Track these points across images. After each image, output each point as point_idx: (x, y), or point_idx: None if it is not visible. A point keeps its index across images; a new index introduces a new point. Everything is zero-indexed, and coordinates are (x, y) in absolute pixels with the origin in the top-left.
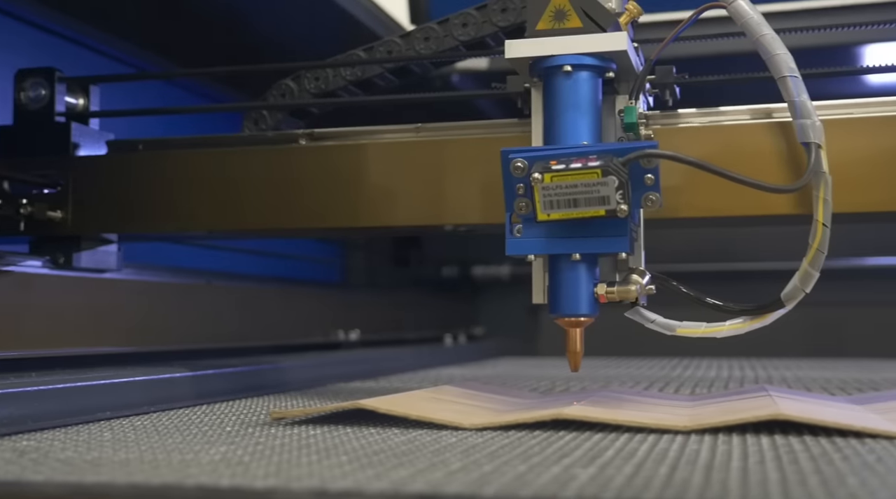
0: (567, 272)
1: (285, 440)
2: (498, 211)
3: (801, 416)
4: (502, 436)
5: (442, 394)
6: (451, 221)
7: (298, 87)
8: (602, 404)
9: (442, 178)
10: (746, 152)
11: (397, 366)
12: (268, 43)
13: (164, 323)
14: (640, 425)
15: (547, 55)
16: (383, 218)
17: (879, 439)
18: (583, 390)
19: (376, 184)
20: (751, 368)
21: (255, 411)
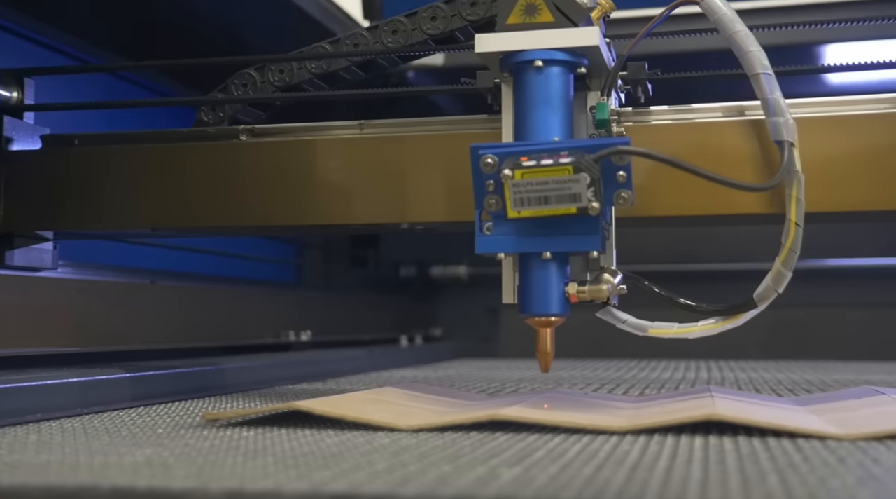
0: (537, 271)
1: (215, 442)
2: (461, 209)
3: (736, 416)
4: (437, 437)
5: (383, 395)
6: (411, 220)
7: (261, 77)
8: (541, 405)
9: (402, 175)
10: (719, 150)
11: (349, 368)
12: (219, 39)
13: (105, 323)
14: (577, 426)
15: (518, 50)
16: (335, 216)
17: (812, 439)
18: (532, 391)
19: (326, 181)
20: (709, 370)
21: (191, 413)
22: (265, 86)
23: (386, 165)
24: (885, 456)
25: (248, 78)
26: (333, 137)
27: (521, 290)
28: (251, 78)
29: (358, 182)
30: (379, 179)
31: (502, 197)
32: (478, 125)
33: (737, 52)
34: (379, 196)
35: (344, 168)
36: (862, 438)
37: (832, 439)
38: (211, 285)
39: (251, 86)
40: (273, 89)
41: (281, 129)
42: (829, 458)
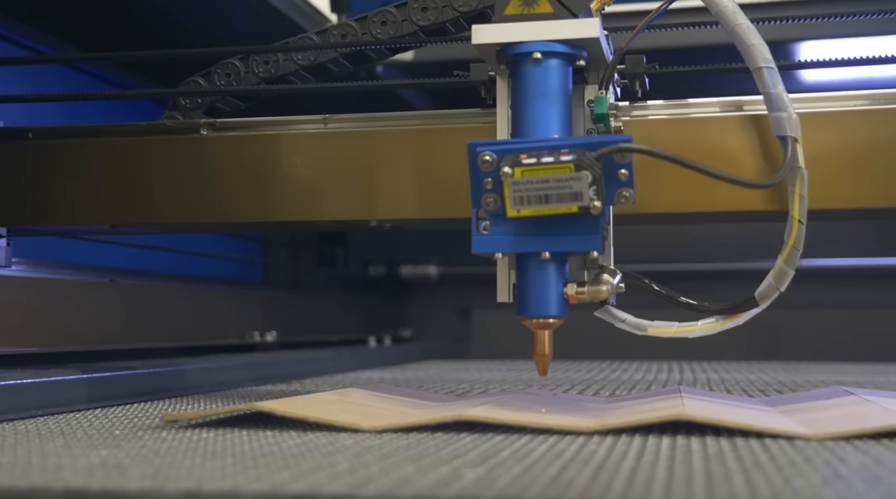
0: (535, 271)
1: (173, 444)
2: (433, 205)
3: (704, 417)
4: (401, 438)
5: (348, 396)
6: (380, 217)
7: (245, 67)
8: (511, 406)
9: (370, 171)
10: (717, 146)
11: (315, 369)
12: (180, 32)
13: (62, 323)
14: (544, 426)
15: (515, 41)
16: (301, 213)
17: (780, 439)
18: (502, 392)
19: (291, 177)
20: (681, 371)
21: (149, 414)
22: (249, 76)
23: (353, 161)
24: (851, 456)
25: (232, 68)
26: (297, 131)
27: (518, 290)
28: (234, 68)
29: (324, 178)
30: (346, 175)
31: (501, 195)
32: (450, 120)
33: (738, 46)
34: (346, 192)
35: (309, 163)
36: (830, 438)
37: (800, 439)
38: (173, 284)
39: (234, 76)
40: (257, 80)
41: (243, 123)
42: (795, 458)
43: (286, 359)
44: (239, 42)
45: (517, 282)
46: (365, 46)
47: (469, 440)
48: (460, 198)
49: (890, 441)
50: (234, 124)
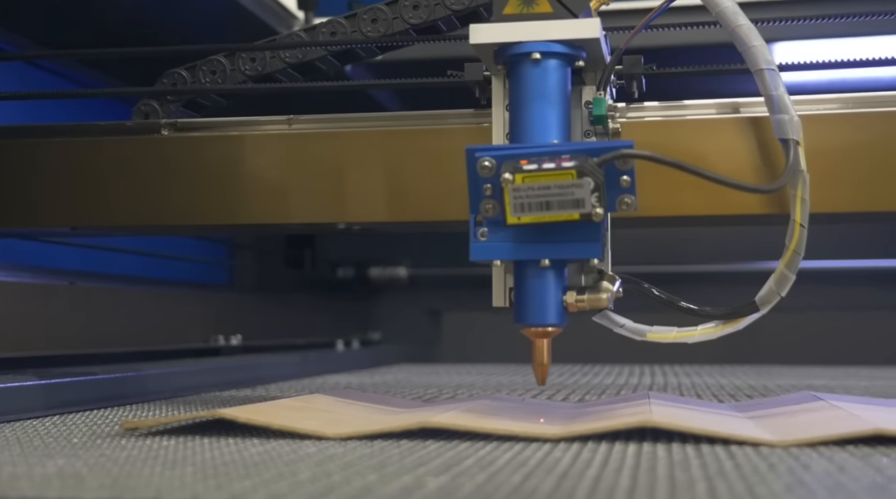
0: (534, 279)
1: (133, 452)
2: (405, 208)
3: (670, 423)
4: (365, 446)
5: (313, 402)
6: (349, 220)
7: (231, 65)
8: (477, 412)
9: (339, 172)
10: (715, 148)
11: (281, 373)
12: (152, 30)
13: (20, 327)
14: (510, 433)
15: (514, 41)
16: (267, 215)
17: (746, 446)
18: (470, 397)
19: (255, 178)
20: (653, 375)
21: (109, 421)
22: (235, 74)
23: (322, 163)
24: (815, 462)
25: (217, 65)
26: (261, 132)
27: (516, 298)
28: (220, 65)
29: (292, 180)
30: (315, 177)
31: (500, 202)
32: (415, 122)
33: (739, 47)
34: (315, 194)
35: (275, 165)
36: (795, 444)
37: (766, 446)
38: (135, 287)
39: (220, 73)
40: (244, 78)
41: (206, 123)
42: (760, 465)
43: (251, 363)
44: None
45: (515, 289)
46: (355, 45)
47: (434, 448)
48: (433, 201)
49: (855, 448)
50: (197, 125)
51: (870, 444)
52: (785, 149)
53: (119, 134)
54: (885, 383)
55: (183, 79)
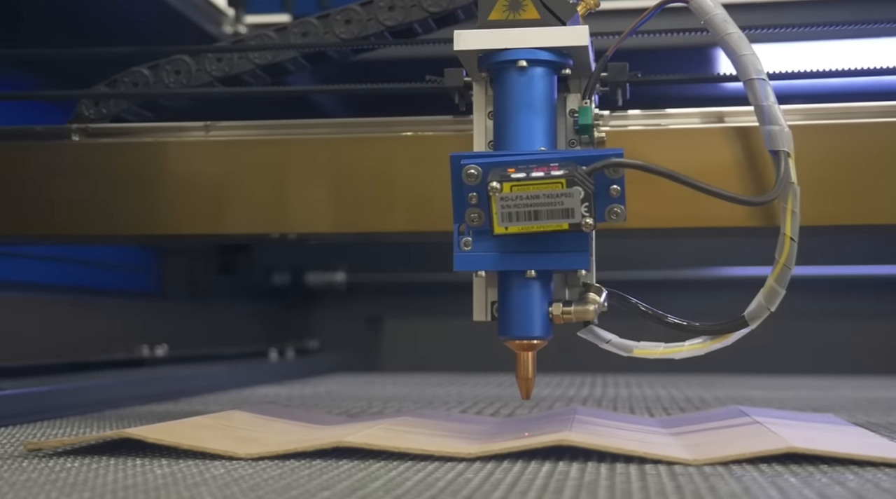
0: (519, 290)
1: (33, 475)
2: (351, 219)
3: (585, 442)
4: (276, 466)
5: (230, 420)
6: (293, 230)
7: (197, 65)
8: (398, 429)
9: (281, 181)
10: (700, 158)
11: (208, 385)
12: (81, 29)
13: None
14: (425, 452)
15: (500, 49)
16: (195, 226)
17: (661, 464)
18: (398, 411)
19: (187, 186)
20: (592, 387)
21: (14, 441)
22: (201, 74)
23: (260, 170)
24: (721, 484)
25: (182, 64)
26: (177, 139)
27: (500, 310)
28: (185, 64)
29: (226, 188)
30: (251, 186)
31: (486, 211)
32: (358, 129)
33: (729, 56)
34: (251, 204)
35: (195, 173)
36: (711, 462)
37: (681, 464)
38: (51, 296)
39: (184, 73)
40: (210, 78)
41: (119, 129)
42: (667, 486)
43: (176, 375)
44: (131, 38)
45: (499, 301)
46: (327, 47)
47: (346, 468)
48: (384, 210)
49: (768, 466)
50: (110, 130)
51: (783, 462)
52: (776, 161)
53: (29, 139)
54: (821, 393)
55: (145, 78)
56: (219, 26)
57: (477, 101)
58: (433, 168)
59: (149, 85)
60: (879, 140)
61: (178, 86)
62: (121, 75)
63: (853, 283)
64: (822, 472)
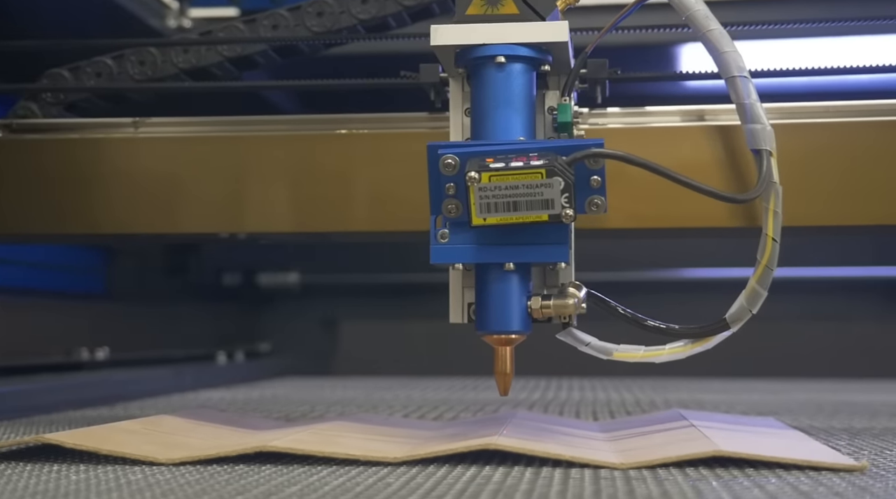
0: (497, 283)
1: None
2: (311, 219)
3: (512, 446)
4: (197, 471)
5: (158, 425)
6: (247, 230)
7: (163, 56)
8: (328, 433)
9: (237, 179)
10: (680, 157)
11: (150, 389)
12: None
13: None
14: (349, 456)
15: (478, 44)
16: (140, 225)
17: (588, 468)
18: (340, 415)
19: (102, 185)
20: (544, 390)
21: None
22: (167, 66)
23: (221, 169)
24: (642, 487)
25: (147, 55)
26: (104, 136)
27: (478, 304)
28: (150, 55)
29: (178, 186)
30: (211, 184)
31: (464, 202)
32: (313, 126)
33: (710, 53)
34: (204, 202)
35: (144, 170)
36: (637, 466)
37: (607, 468)
38: None
39: (150, 64)
40: (176, 70)
41: (45, 125)
42: (587, 489)
43: (116, 379)
44: (74, 33)
45: (477, 295)
46: (299, 41)
47: (267, 473)
48: (345, 209)
49: (694, 470)
50: (37, 126)
51: (710, 465)
52: (758, 159)
53: None
54: (773, 397)
55: (109, 68)
56: (162, 20)
57: (454, 98)
58: (395, 166)
59: (112, 76)
60: (862, 139)
61: (142, 77)
62: (84, 63)
63: (814, 285)
64: (746, 475)
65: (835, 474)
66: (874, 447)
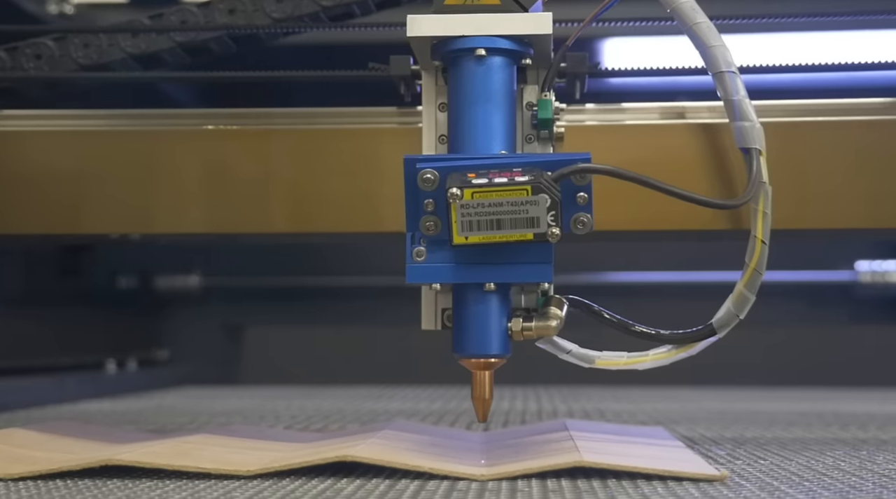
0: (476, 305)
1: None
2: (227, 219)
3: (369, 457)
4: (36, 486)
5: (8, 439)
6: (157, 230)
7: (109, 40)
8: (186, 446)
9: (146, 177)
10: (661, 157)
11: (24, 400)
12: None
13: None
14: (202, 470)
15: (458, 36)
16: (33, 224)
17: (448, 479)
18: (223, 425)
19: (23, 181)
20: (454, 399)
21: None
22: (114, 50)
23: (107, 165)
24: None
25: (92, 39)
26: None
27: (455, 325)
28: (96, 40)
29: (60, 184)
30: (92, 181)
31: (444, 219)
32: (204, 120)
33: (697, 47)
34: (95, 201)
35: (38, 166)
36: (498, 477)
37: (467, 480)
38: None
39: (94, 48)
40: (124, 55)
41: None
42: None
43: None
44: None
45: (455, 316)
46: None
47: (110, 488)
48: (263, 210)
49: (555, 481)
50: None
51: (574, 476)
52: (747, 159)
53: None
54: (680, 405)
55: (50, 50)
56: (42, 5)
57: (427, 93)
58: (318, 164)
59: (54, 58)
60: (855, 139)
61: (87, 61)
62: (23, 45)
63: None
64: (606, 486)
65: (693, 485)
66: (751, 457)
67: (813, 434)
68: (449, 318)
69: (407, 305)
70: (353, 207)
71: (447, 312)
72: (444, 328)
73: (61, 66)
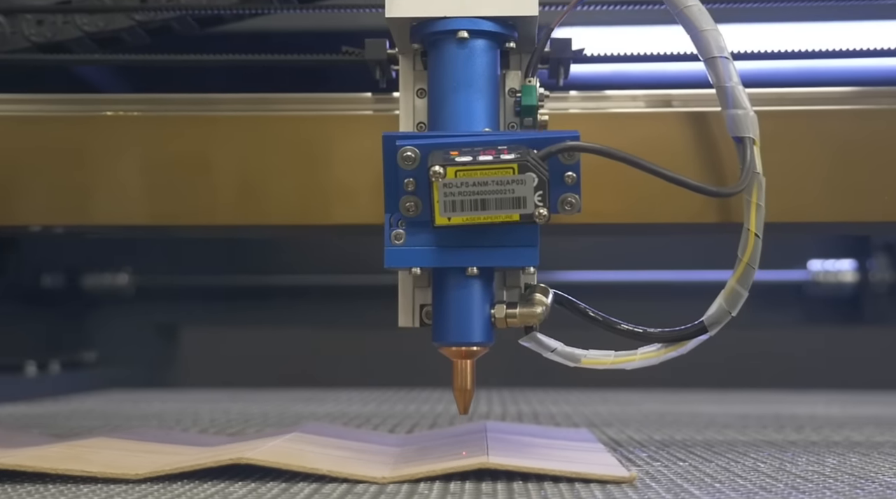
0: (458, 290)
1: None
2: (171, 210)
3: (265, 460)
4: None
5: None
6: (93, 222)
7: (65, 18)
8: (76, 448)
9: (82, 165)
10: (648, 146)
11: None
12: None
13: None
14: (88, 473)
15: (439, 17)
16: None
17: (350, 482)
18: (135, 428)
19: None
20: (423, 402)
21: None
22: (69, 28)
23: (36, 151)
24: None
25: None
26: None
27: (435, 313)
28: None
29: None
30: (20, 169)
31: (426, 199)
32: (179, 107)
33: (688, 31)
34: (24, 191)
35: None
36: (399, 480)
37: (366, 482)
38: None
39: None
40: (80, 33)
41: None
42: None
43: None
44: None
45: (435, 302)
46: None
47: (23, 493)
48: (208, 200)
49: (458, 483)
50: None
51: (480, 478)
52: (740, 148)
53: None
54: (620, 408)
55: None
56: None
57: (404, 77)
58: (269, 153)
59: (5, 35)
60: (849, 129)
61: (40, 38)
62: None
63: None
64: (510, 489)
65: (599, 487)
66: (672, 459)
67: (745, 436)
68: (427, 314)
69: (357, 305)
70: (302, 200)
71: (426, 308)
72: (422, 325)
73: (12, 43)
